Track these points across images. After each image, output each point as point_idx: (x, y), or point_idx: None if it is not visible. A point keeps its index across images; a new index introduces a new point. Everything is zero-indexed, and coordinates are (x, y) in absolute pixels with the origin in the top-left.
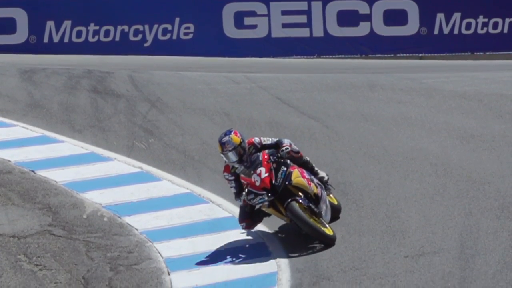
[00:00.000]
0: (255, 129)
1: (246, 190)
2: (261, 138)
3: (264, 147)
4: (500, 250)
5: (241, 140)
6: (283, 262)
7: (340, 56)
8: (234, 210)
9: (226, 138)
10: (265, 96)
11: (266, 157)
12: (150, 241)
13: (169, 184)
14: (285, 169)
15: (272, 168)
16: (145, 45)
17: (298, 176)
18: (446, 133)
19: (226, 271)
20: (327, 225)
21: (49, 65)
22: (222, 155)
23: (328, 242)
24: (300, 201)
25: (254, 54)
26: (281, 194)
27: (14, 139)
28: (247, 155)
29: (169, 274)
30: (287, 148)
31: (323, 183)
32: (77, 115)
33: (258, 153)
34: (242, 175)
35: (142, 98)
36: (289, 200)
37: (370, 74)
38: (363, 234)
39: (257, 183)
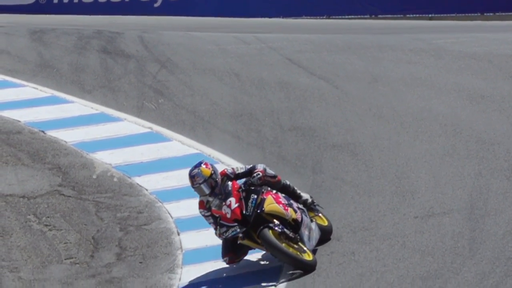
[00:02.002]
0: (265, 89)
1: (219, 223)
2: (234, 168)
3: (238, 176)
4: (509, 211)
5: (212, 172)
6: None
7: (349, 16)
8: None
9: (195, 171)
10: (275, 57)
11: (236, 186)
12: (160, 202)
13: (179, 144)
14: (255, 196)
15: (241, 197)
16: (155, 5)
17: (271, 202)
18: (456, 93)
19: None
20: (307, 250)
21: (59, 26)
22: (193, 189)
23: (306, 268)
24: (274, 227)
25: (263, 14)
26: (256, 223)
27: (24, 100)
28: (220, 187)
29: (178, 234)
30: (258, 174)
31: (307, 205)
32: (87, 75)
33: (229, 183)
34: (213, 208)
35: (152, 58)
36: (261, 227)
37: (379, 34)
38: (372, 195)
39: (228, 215)
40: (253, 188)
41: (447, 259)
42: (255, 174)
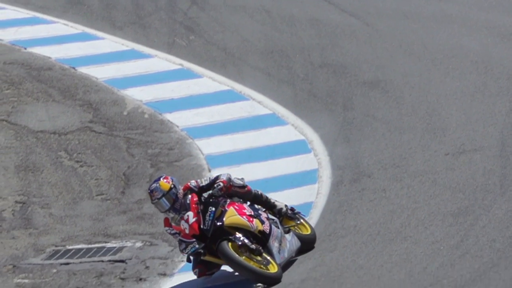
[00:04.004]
0: (296, 26)
1: (178, 240)
2: (198, 180)
3: (202, 189)
4: None
5: (171, 186)
6: (324, 159)
7: None
8: (274, 107)
9: (153, 185)
10: None
11: (194, 199)
12: (191, 138)
13: (209, 81)
14: (213, 209)
15: (199, 211)
16: None
17: (233, 214)
18: (487, 31)
19: (267, 168)
20: (272, 262)
21: None
22: (153, 205)
23: (268, 281)
24: (233, 239)
25: None
26: (217, 237)
27: (55, 36)
28: (181, 201)
29: (209, 171)
30: (219, 185)
31: (283, 215)
32: (117, 12)
33: (188, 196)
34: (173, 224)
35: None
36: (219, 240)
37: None
38: (403, 132)
39: (187, 230)
40: (211, 200)
41: (478, 196)
42: (215, 185)
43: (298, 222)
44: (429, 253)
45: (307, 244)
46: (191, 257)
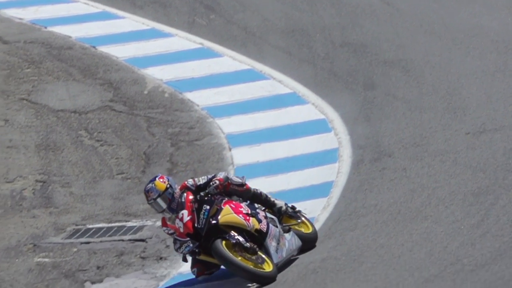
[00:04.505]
0: (316, 5)
1: (173, 239)
2: (195, 179)
3: (199, 188)
4: None
5: (167, 186)
6: (344, 138)
7: None
8: (295, 86)
9: (149, 186)
10: None
11: (190, 197)
12: (211, 117)
13: (230, 60)
14: (207, 207)
15: (194, 209)
16: None
17: (228, 213)
18: (507, 10)
19: (287, 147)
20: (268, 260)
21: None
22: (149, 206)
23: (262, 280)
24: (227, 238)
25: None
26: (212, 236)
27: (75, 15)
28: (177, 201)
29: (230, 150)
30: (215, 183)
31: (283, 213)
32: None
33: (184, 194)
34: (169, 223)
35: None
36: (213, 239)
37: None
38: (424, 111)
39: (181, 229)
40: (206, 198)
41: (498, 175)
42: (211, 183)
43: (299, 220)
44: (450, 232)
45: (308, 243)
46: (189, 257)
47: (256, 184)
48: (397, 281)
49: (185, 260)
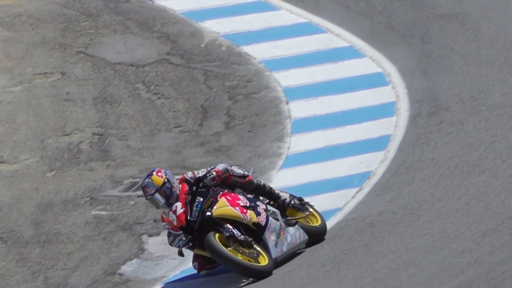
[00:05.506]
0: None
1: (167, 232)
2: (195, 171)
3: (199, 180)
4: None
5: (165, 180)
6: (402, 92)
7: None
8: (352, 40)
9: (146, 181)
10: None
11: (185, 189)
12: (269, 70)
13: (287, 13)
14: (201, 200)
15: (187, 201)
16: None
17: (224, 205)
18: None
19: (345, 100)
20: (264, 254)
21: None
22: (147, 202)
23: (256, 275)
24: (221, 230)
25: None
26: (206, 229)
27: None
28: (176, 196)
29: (287, 103)
30: (211, 174)
31: (287, 206)
32: None
33: (179, 185)
34: (163, 216)
35: None
36: (206, 232)
37: None
38: (481, 65)
39: (174, 222)
40: (200, 190)
41: None
42: (208, 174)
43: (307, 213)
44: (507, 186)
45: (315, 236)
46: (185, 250)
47: (313, 137)
48: (454, 235)
49: (181, 254)
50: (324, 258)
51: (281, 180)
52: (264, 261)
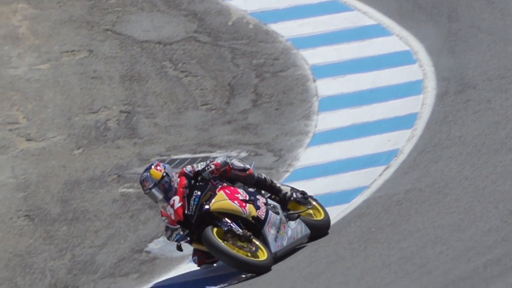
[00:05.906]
0: None
1: (165, 227)
2: (194, 165)
3: (198, 174)
4: None
5: (164, 174)
6: (429, 70)
7: None
8: (379, 18)
9: (144, 175)
10: None
11: (183, 183)
12: (296, 48)
13: None
14: (198, 193)
15: (185, 195)
16: None
17: (222, 199)
18: None
19: (372, 78)
20: (263, 248)
21: None
22: (146, 196)
23: (253, 270)
24: (219, 224)
25: None
26: (205, 223)
27: None
28: (175, 190)
29: (314, 81)
30: (210, 167)
31: (288, 199)
32: None
33: (178, 179)
34: (162, 210)
35: None
36: (204, 226)
37: None
38: (508, 43)
39: (172, 216)
40: (199, 184)
41: None
42: (206, 168)
43: (310, 206)
44: None
45: (318, 230)
46: (183, 245)
47: (340, 115)
48: (481, 213)
49: (179, 249)
50: (351, 236)
51: (308, 158)
52: (263, 255)
